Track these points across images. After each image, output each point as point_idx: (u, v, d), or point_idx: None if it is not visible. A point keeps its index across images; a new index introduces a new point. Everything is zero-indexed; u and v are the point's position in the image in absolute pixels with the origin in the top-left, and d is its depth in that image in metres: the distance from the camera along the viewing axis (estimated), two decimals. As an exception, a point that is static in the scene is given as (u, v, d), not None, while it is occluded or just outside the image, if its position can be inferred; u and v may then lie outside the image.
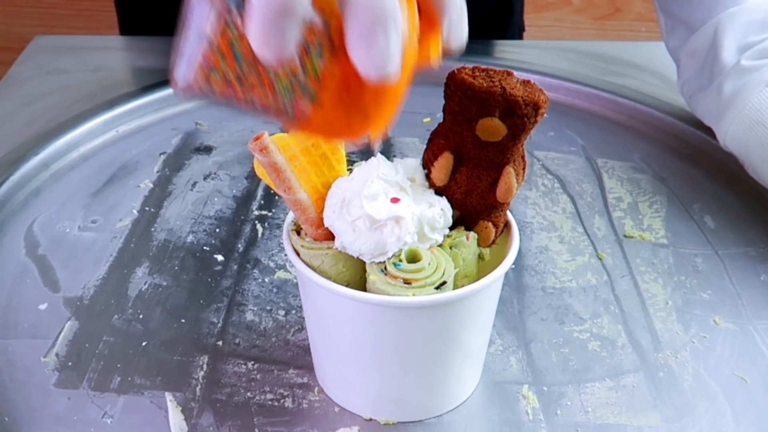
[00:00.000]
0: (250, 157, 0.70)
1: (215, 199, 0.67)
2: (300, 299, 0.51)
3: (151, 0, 0.93)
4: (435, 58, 0.36)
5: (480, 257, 0.45)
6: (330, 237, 0.43)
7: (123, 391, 0.48)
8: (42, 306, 0.54)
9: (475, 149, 0.42)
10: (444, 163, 0.43)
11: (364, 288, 0.42)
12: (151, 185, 0.68)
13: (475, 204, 0.44)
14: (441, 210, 0.43)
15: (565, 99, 0.82)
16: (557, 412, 0.48)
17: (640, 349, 0.52)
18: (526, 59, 0.89)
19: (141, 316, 0.54)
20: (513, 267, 0.59)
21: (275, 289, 0.56)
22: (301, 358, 0.51)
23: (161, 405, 0.47)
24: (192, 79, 0.32)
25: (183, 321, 0.54)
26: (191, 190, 0.68)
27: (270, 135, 0.41)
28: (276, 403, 0.47)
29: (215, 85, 0.33)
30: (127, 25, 1.00)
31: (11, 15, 1.73)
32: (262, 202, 0.67)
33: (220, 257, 0.60)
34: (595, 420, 0.47)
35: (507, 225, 0.46)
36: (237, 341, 0.52)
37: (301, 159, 0.42)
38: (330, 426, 0.46)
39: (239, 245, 0.61)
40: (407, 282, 0.40)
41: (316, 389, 0.49)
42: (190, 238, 0.62)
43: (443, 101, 0.42)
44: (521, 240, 0.57)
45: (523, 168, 0.44)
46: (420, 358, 0.44)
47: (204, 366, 0.50)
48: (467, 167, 0.43)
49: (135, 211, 0.65)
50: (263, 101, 0.33)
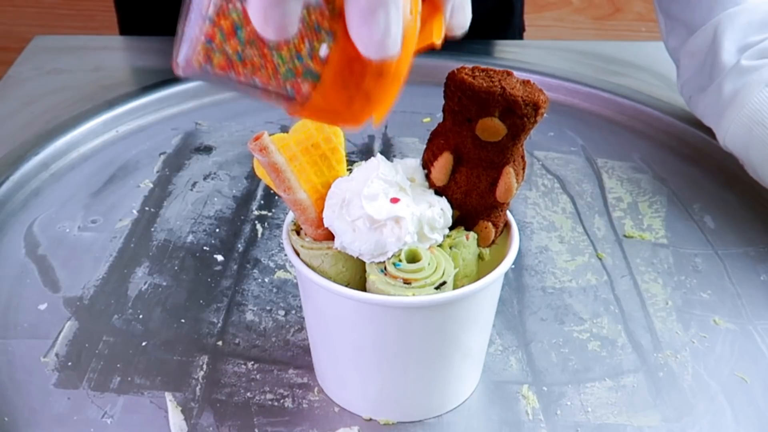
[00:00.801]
0: (250, 157, 0.70)
1: (215, 199, 0.67)
2: (300, 299, 0.51)
3: (151, 0, 0.93)
4: (437, 40, 0.36)
5: (480, 257, 0.45)
6: (330, 237, 0.43)
7: (123, 391, 0.48)
8: (42, 306, 0.54)
9: (475, 149, 0.42)
10: (444, 163, 0.43)
11: (364, 288, 0.42)
12: (151, 185, 0.68)
13: (475, 204, 0.44)
14: (441, 210, 0.43)
15: (565, 99, 0.82)
16: (557, 412, 0.48)
17: (640, 349, 0.52)
18: (526, 59, 0.89)
19: (141, 316, 0.54)
20: (513, 267, 0.59)
21: (275, 289, 0.56)
22: (301, 358, 0.51)
23: (161, 405, 0.47)
24: (193, 58, 0.32)
25: (183, 321, 0.54)
26: (191, 190, 0.68)
27: (270, 135, 0.41)
28: (276, 403, 0.47)
29: (216, 64, 0.32)
30: (127, 25, 1.00)
31: (11, 15, 1.73)
32: (262, 202, 0.67)
33: (220, 257, 0.60)
34: (595, 420, 0.47)
35: (507, 225, 0.46)
36: (237, 341, 0.52)
37: (301, 159, 0.42)
38: (330, 426, 0.46)
39: (239, 245, 0.61)
40: (407, 282, 0.40)
41: (316, 389, 0.49)
42: (190, 238, 0.62)
43: (443, 101, 0.42)
44: (521, 240, 0.57)
45: (523, 168, 0.44)
46: (420, 358, 0.44)
47: (204, 366, 0.50)
48: (467, 167, 0.43)
49: (135, 211, 0.65)
50: (264, 81, 0.33)
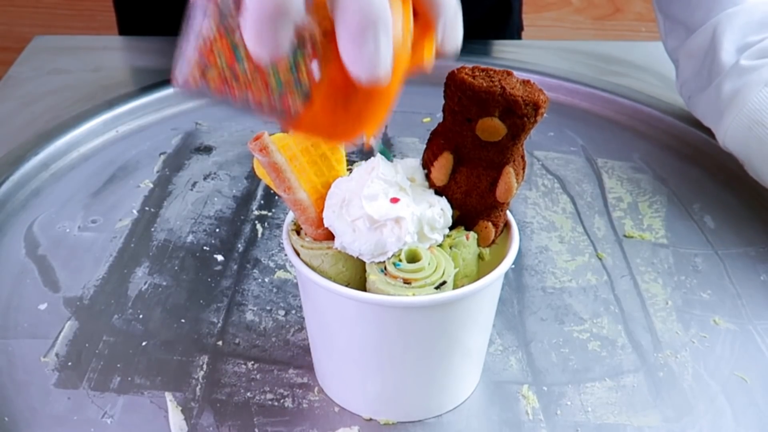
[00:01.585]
0: (250, 157, 0.70)
1: (215, 199, 0.67)
2: (300, 299, 0.51)
3: (150, 0, 0.93)
4: (429, 61, 0.36)
5: (480, 257, 0.45)
6: (330, 237, 0.43)
7: (123, 391, 0.48)
8: (42, 306, 0.54)
9: (475, 149, 0.42)
10: (444, 163, 0.43)
11: (364, 288, 0.42)
12: (151, 185, 0.68)
13: (475, 204, 0.44)
14: (441, 210, 0.43)
15: (565, 99, 0.82)
16: (557, 412, 0.48)
17: (640, 349, 0.52)
18: (525, 59, 0.89)
19: (141, 316, 0.54)
20: (513, 267, 0.59)
21: (275, 289, 0.56)
22: (301, 358, 0.51)
23: (161, 405, 0.47)
24: (189, 76, 0.33)
25: (183, 321, 0.54)
26: (191, 190, 0.68)
27: (270, 135, 0.41)
28: (276, 403, 0.48)
29: (212, 82, 0.33)
30: (127, 26, 1.00)
31: (11, 15, 1.73)
32: (262, 202, 0.67)
33: (220, 257, 0.60)
34: (595, 420, 0.47)
35: (507, 225, 0.46)
36: (237, 341, 0.52)
37: (301, 159, 0.42)
38: (330, 426, 0.46)
39: (239, 245, 0.61)
40: (407, 282, 0.40)
41: (316, 389, 0.49)
42: (190, 238, 0.62)
43: (443, 101, 0.42)
44: (521, 240, 0.57)
45: (523, 168, 0.44)
46: (420, 358, 0.44)
47: (204, 366, 0.50)
48: (467, 167, 0.43)
49: (135, 211, 0.65)
50: (258, 100, 0.34)
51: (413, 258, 0.41)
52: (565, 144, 0.76)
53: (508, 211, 0.46)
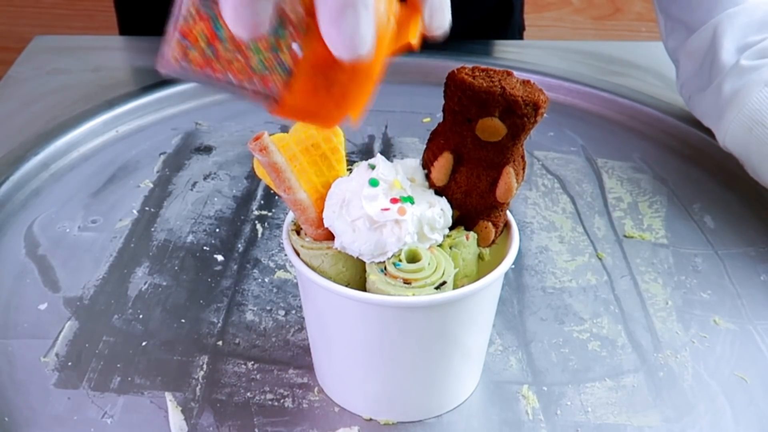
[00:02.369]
0: (250, 157, 0.70)
1: (215, 199, 0.67)
2: (300, 299, 0.51)
3: (150, 0, 0.93)
4: (413, 39, 0.36)
5: (480, 257, 0.45)
6: (330, 237, 0.43)
7: (123, 391, 0.48)
8: (42, 306, 0.54)
9: (475, 149, 0.42)
10: (444, 163, 0.43)
11: (364, 288, 0.42)
12: (151, 185, 0.68)
13: (475, 204, 0.44)
14: (441, 210, 0.43)
15: (565, 99, 0.82)
16: (557, 412, 0.48)
17: (640, 349, 0.52)
18: (526, 59, 0.89)
19: (141, 316, 0.54)
20: (513, 267, 0.59)
21: (275, 289, 0.56)
22: (301, 358, 0.51)
23: (161, 405, 0.47)
24: (171, 57, 0.33)
25: (183, 321, 0.54)
26: (191, 190, 0.68)
27: (270, 135, 0.41)
28: (276, 403, 0.48)
29: (194, 62, 0.33)
30: (127, 26, 1.00)
31: (11, 15, 1.73)
32: (262, 202, 0.67)
33: (220, 257, 0.60)
34: (595, 420, 0.47)
35: (507, 225, 0.46)
36: (237, 341, 0.52)
37: (301, 159, 0.42)
38: (330, 426, 0.46)
39: (239, 245, 0.61)
40: (407, 282, 0.40)
41: (316, 389, 0.49)
42: (190, 238, 0.62)
43: (443, 101, 0.42)
44: (521, 240, 0.57)
45: (523, 168, 0.44)
46: (420, 358, 0.44)
47: (204, 366, 0.50)
48: (467, 167, 0.43)
49: (135, 211, 0.65)
50: (238, 78, 0.33)
51: (413, 258, 0.41)
52: (565, 144, 0.76)
53: (508, 211, 0.46)
